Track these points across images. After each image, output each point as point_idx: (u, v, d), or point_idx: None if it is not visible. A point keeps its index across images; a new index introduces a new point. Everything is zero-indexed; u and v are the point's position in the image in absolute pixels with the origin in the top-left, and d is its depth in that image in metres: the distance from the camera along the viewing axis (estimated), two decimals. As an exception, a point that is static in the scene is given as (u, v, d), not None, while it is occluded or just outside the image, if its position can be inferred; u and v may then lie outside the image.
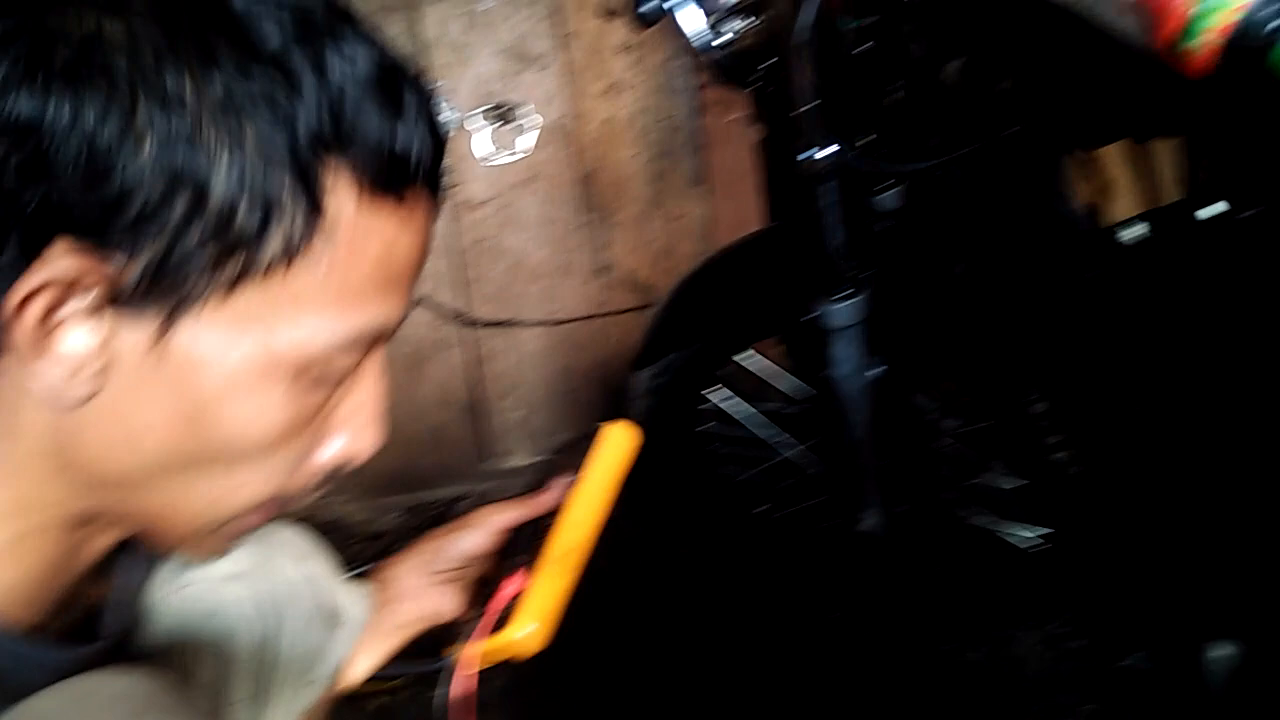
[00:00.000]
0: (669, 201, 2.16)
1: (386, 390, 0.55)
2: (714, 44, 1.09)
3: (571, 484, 0.75)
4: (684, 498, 1.68)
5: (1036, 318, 0.86)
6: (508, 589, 0.70)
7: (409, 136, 0.47)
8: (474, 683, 0.68)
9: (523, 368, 2.20)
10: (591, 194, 2.14)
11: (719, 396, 1.60)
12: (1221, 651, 0.75)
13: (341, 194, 0.46)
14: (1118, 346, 0.76)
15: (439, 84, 2.02)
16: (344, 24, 0.47)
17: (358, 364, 0.52)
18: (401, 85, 0.47)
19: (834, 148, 1.06)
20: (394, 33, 2.03)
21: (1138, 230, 0.83)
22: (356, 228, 0.46)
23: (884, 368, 1.37)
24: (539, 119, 2.06)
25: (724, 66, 1.13)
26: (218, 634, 0.66)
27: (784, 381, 1.76)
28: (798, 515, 1.73)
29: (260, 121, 0.43)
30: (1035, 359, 0.88)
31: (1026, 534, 1.54)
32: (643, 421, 1.58)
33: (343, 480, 0.62)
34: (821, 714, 1.53)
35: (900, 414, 1.49)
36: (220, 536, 0.54)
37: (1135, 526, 0.86)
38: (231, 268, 0.44)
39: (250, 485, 0.51)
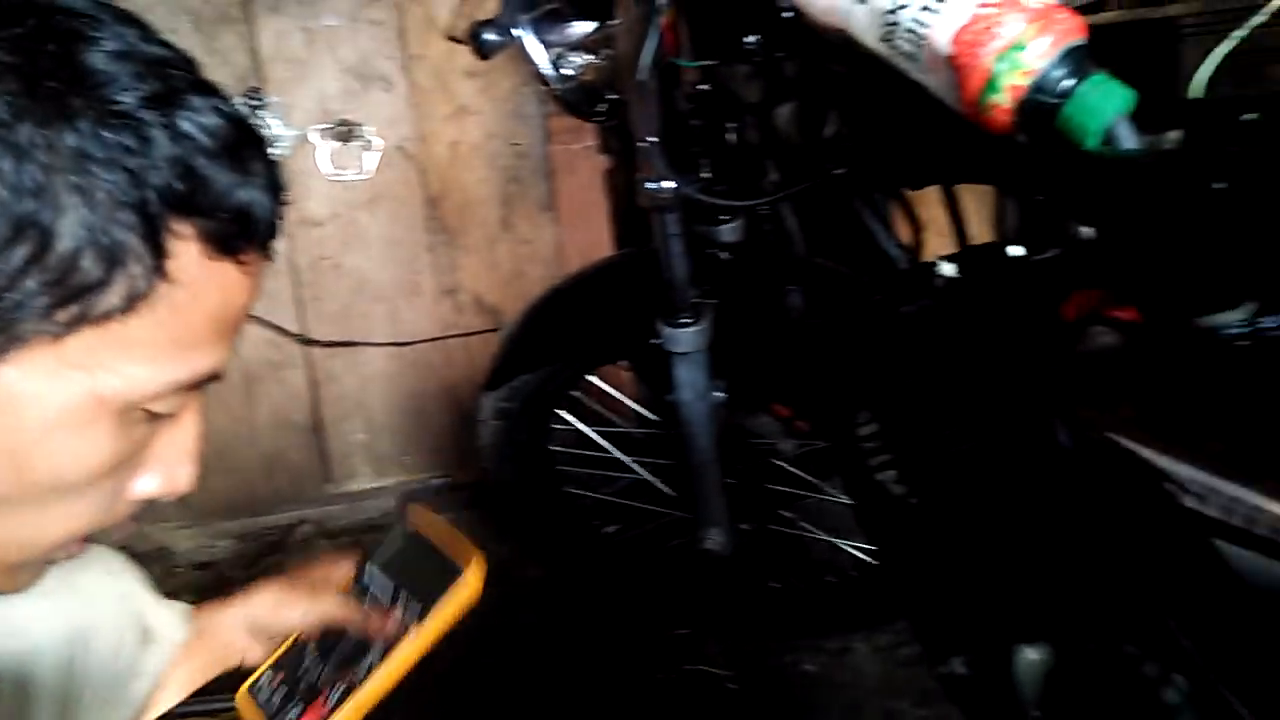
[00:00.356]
0: (518, 226, 2.17)
1: (204, 427, 0.56)
2: (559, 77, 1.11)
3: (414, 625, 0.74)
4: (535, 520, 1.68)
5: (862, 347, 0.92)
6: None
7: (254, 199, 0.49)
8: None
9: (366, 390, 2.15)
10: (439, 216, 2.12)
11: (568, 419, 1.62)
12: (1032, 655, 0.81)
13: (185, 251, 0.47)
14: (932, 375, 0.82)
15: (274, 100, 1.96)
16: (200, 87, 0.48)
17: (182, 404, 0.52)
18: (250, 149, 0.49)
19: (672, 182, 1.10)
20: (229, 45, 1.96)
21: (949, 268, 0.89)
22: (196, 283, 0.47)
23: (725, 392, 1.42)
24: (382, 140, 2.04)
25: (569, 100, 1.16)
26: (19, 655, 0.64)
27: (631, 405, 1.79)
28: (645, 535, 1.76)
29: (111, 177, 0.44)
30: (863, 385, 0.93)
31: (859, 550, 1.63)
32: (492, 444, 1.59)
33: (170, 506, 0.61)
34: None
35: (741, 436, 1.55)
36: (31, 571, 0.54)
37: (952, 541, 0.93)
38: (67, 314, 0.44)
39: (66, 521, 0.51)
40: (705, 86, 1.10)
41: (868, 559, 1.61)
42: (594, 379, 1.69)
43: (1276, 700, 0.53)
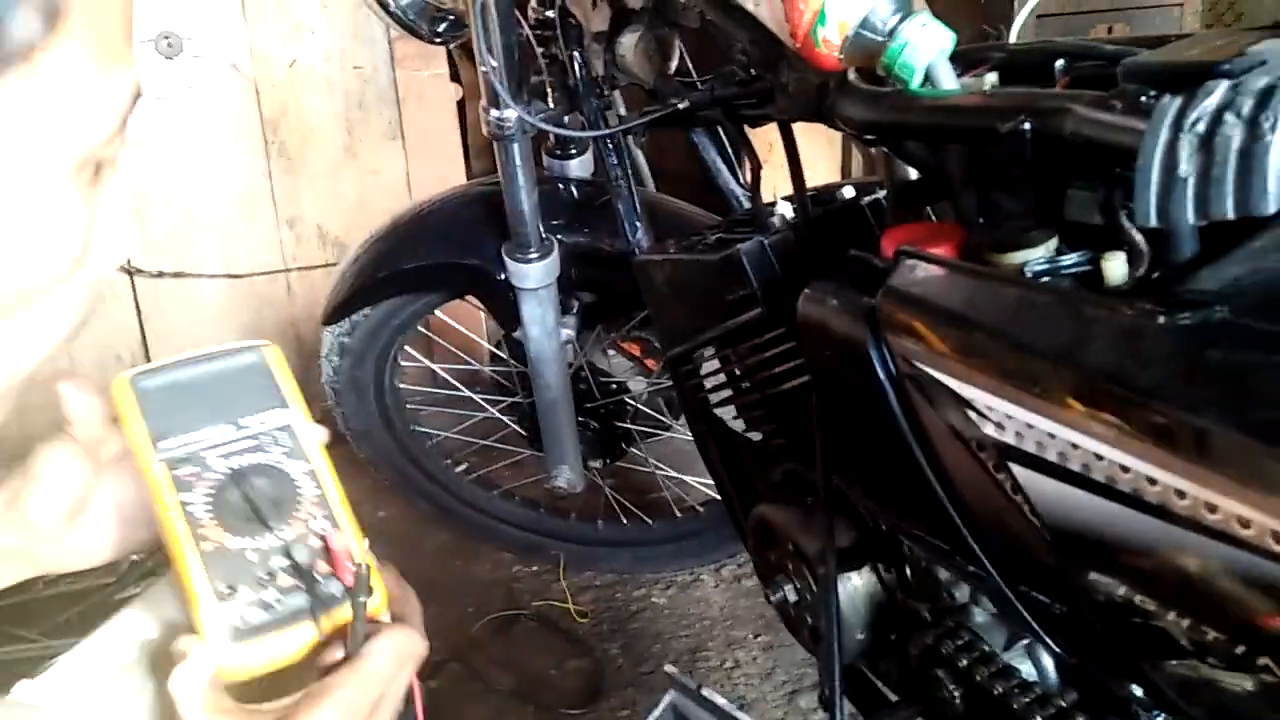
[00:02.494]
0: (363, 154, 2.08)
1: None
2: (395, -6, 1.06)
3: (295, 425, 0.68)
4: (383, 460, 1.64)
5: (701, 284, 0.92)
6: (338, 548, 0.64)
7: None
8: None
9: (198, 325, 2.04)
10: (277, 140, 2.01)
11: (410, 354, 1.58)
12: (857, 580, 0.84)
13: None
14: (765, 313, 0.83)
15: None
16: None
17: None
18: None
19: (515, 111, 1.07)
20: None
21: (786, 207, 0.90)
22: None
23: (574, 329, 1.41)
24: (212, 56, 1.91)
25: (405, 18, 1.10)
26: None
27: (481, 342, 1.76)
28: (496, 473, 1.75)
29: None
30: (702, 323, 0.94)
31: (705, 485, 1.66)
32: (333, 381, 1.54)
33: None
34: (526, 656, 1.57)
35: (591, 373, 1.55)
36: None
37: (784, 474, 0.95)
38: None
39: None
40: (550, 13, 1.07)
41: (714, 494, 1.65)
42: (441, 314, 1.65)
43: (1067, 614, 0.56)
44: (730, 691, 1.50)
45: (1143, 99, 0.49)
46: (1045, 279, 0.54)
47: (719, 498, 1.64)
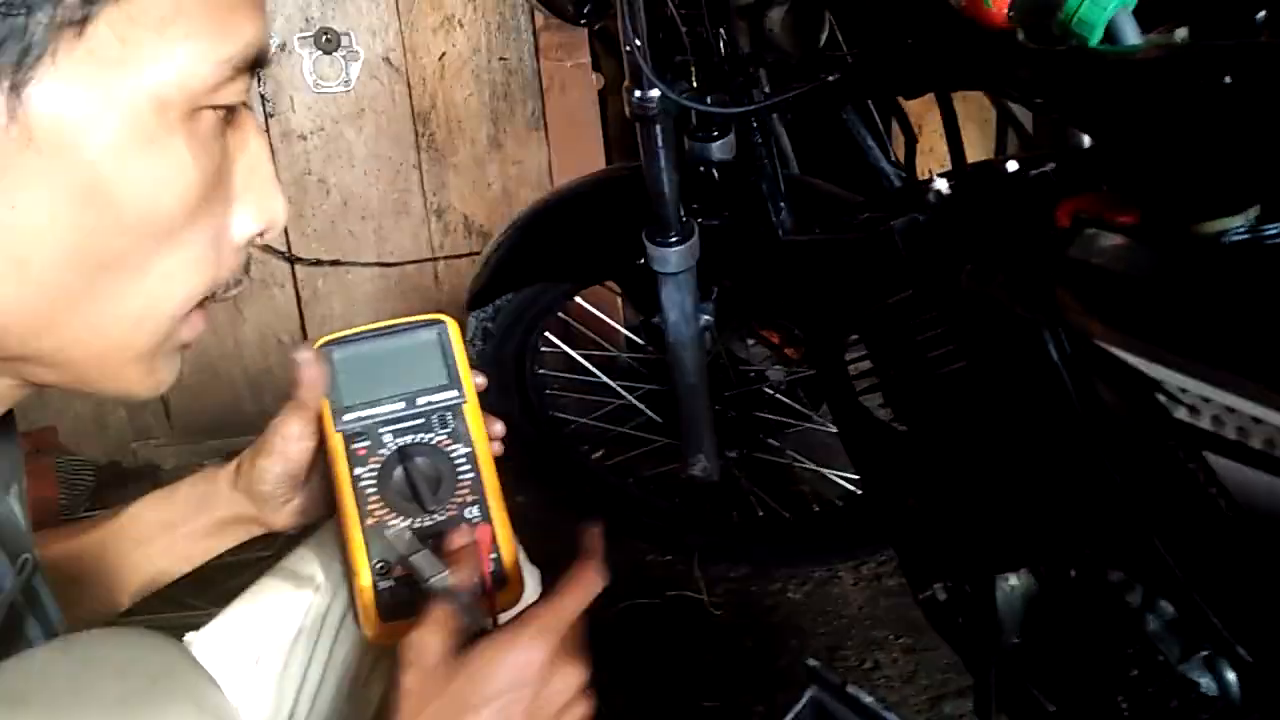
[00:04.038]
0: (507, 145, 2.11)
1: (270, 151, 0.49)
2: (541, -25, 1.06)
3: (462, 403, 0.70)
4: (521, 444, 1.66)
5: (852, 266, 0.88)
6: (483, 541, 0.66)
7: None
8: None
9: (353, 310, 2.11)
10: (428, 133, 2.06)
11: (554, 342, 1.59)
12: (1014, 581, 0.79)
13: None
14: (922, 294, 0.78)
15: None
16: None
17: (242, 105, 0.45)
18: None
19: (659, 90, 1.05)
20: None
21: (943, 184, 0.85)
22: None
23: (713, 316, 1.39)
24: (365, 51, 1.97)
25: (551, 2, 1.10)
26: None
27: (619, 328, 1.76)
28: (632, 461, 1.74)
29: None
30: (851, 307, 0.90)
31: (846, 480, 1.61)
32: (476, 365, 1.56)
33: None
34: (653, 652, 1.56)
35: (731, 362, 1.52)
36: (168, 361, 0.48)
37: (937, 466, 0.90)
38: None
39: (177, 279, 0.44)
40: (694, -12, 1.04)
41: (854, 489, 1.60)
42: (581, 301, 1.66)
43: (1262, 622, 0.51)
44: (870, 693, 1.45)
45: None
46: (1246, 249, 0.48)
47: (859, 492, 1.59)
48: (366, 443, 0.67)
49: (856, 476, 1.59)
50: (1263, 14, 0.57)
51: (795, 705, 0.78)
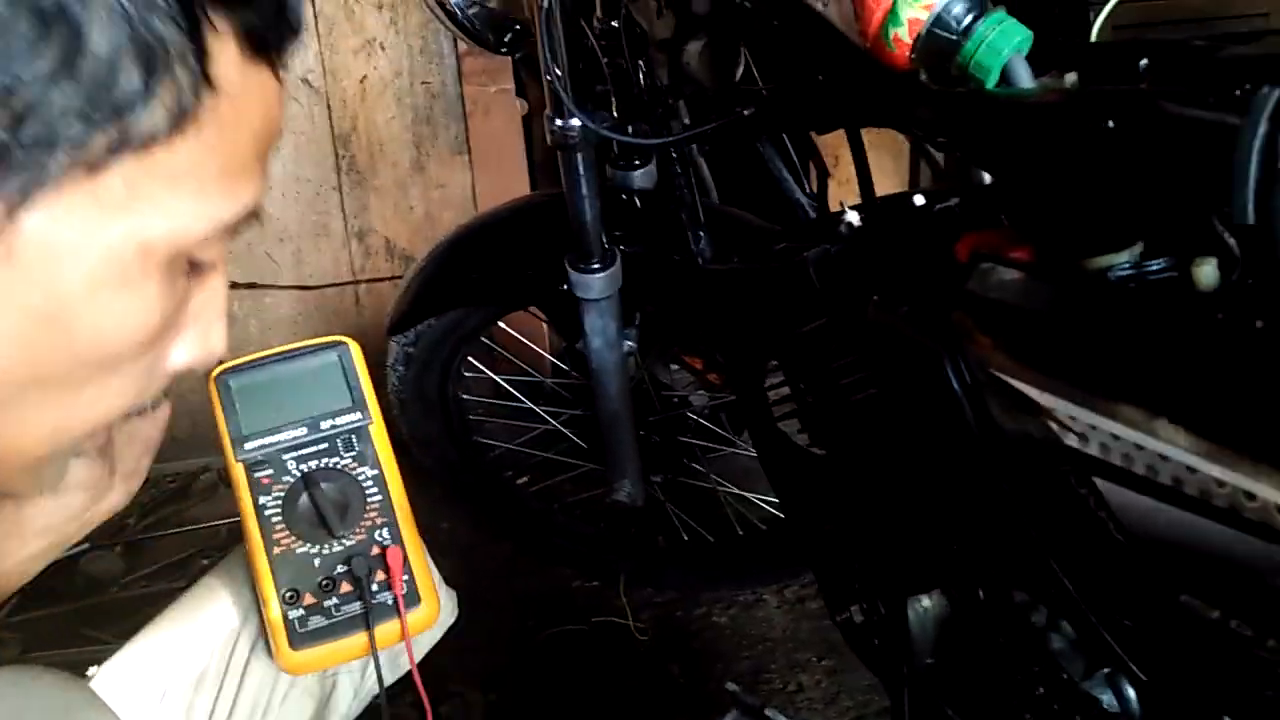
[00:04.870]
0: (430, 168, 2.10)
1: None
2: (463, 2, 1.06)
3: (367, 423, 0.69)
4: (445, 470, 1.64)
5: (767, 295, 0.90)
6: (392, 561, 0.65)
7: None
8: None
9: (270, 334, 2.07)
10: (346, 155, 2.04)
11: (474, 365, 1.58)
12: (925, 603, 0.81)
13: (226, 52, 0.39)
14: (834, 323, 0.80)
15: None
16: None
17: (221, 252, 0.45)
18: None
19: (579, 119, 1.06)
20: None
21: (854, 216, 0.88)
22: (239, 92, 0.40)
23: (636, 341, 1.40)
24: (287, 71, 1.94)
25: (472, 27, 1.11)
26: None
27: (543, 354, 1.76)
28: (556, 486, 1.74)
29: None
30: (767, 334, 0.92)
31: (767, 504, 1.63)
32: (398, 391, 1.55)
33: None
34: (585, 680, 1.55)
35: (653, 386, 1.53)
36: (56, 468, 0.47)
37: (851, 490, 0.92)
38: (105, 138, 0.36)
39: (103, 401, 0.44)
40: (615, 23, 1.06)
41: (777, 513, 1.62)
42: (505, 326, 1.65)
43: (1151, 640, 0.53)
44: (793, 716, 1.47)
45: (1238, 92, 0.46)
46: (1131, 285, 0.51)
47: (783, 516, 1.61)
48: (269, 471, 0.67)
49: (777, 500, 1.62)
50: (1144, 62, 0.60)
51: (715, 730, 0.79)
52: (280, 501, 0.67)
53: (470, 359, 1.55)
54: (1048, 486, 0.51)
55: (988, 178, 0.74)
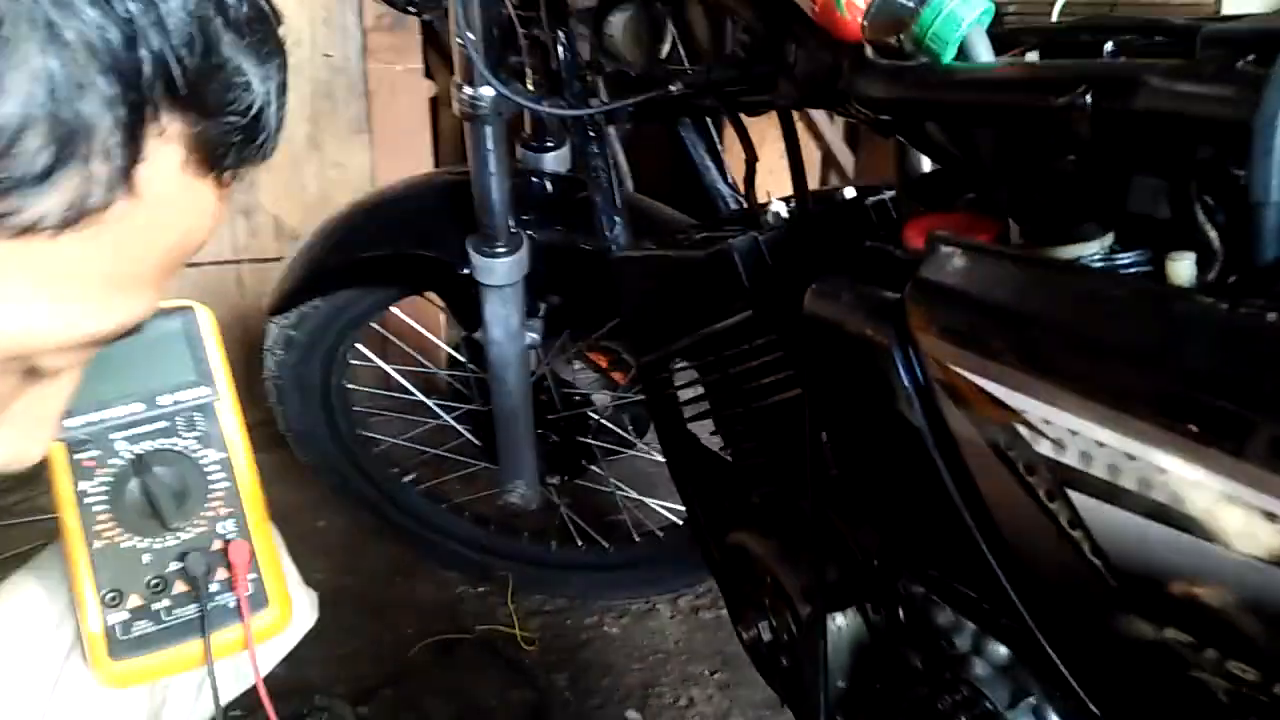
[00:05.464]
0: (327, 146, 1.98)
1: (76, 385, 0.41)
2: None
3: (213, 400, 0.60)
4: (327, 465, 1.53)
5: (688, 289, 0.84)
6: (236, 558, 0.57)
7: (269, 100, 0.36)
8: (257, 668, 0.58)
9: (141, 314, 1.92)
10: (236, 125, 1.91)
11: (361, 353, 1.48)
12: (842, 621, 0.76)
13: (164, 157, 0.33)
14: (756, 318, 0.74)
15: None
16: None
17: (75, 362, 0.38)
18: (273, 34, 0.36)
19: (492, 88, 0.98)
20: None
21: (782, 207, 0.82)
22: (164, 203, 0.34)
23: (539, 334, 1.32)
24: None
25: (377, -18, 1.02)
26: None
27: (438, 343, 1.66)
28: (445, 485, 1.64)
29: (97, 18, 0.30)
30: (684, 332, 0.85)
31: (667, 509, 1.57)
32: (276, 377, 1.43)
33: None
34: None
35: (554, 384, 1.46)
36: None
37: (767, 499, 0.87)
38: None
39: None
40: (532, -14, 0.99)
41: (676, 519, 1.56)
42: (399, 313, 1.55)
43: (1117, 673, 0.48)
44: (685, 734, 1.41)
45: (1238, 65, 0.41)
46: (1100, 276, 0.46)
47: (680, 523, 1.56)
48: (95, 452, 0.58)
49: (679, 507, 1.56)
50: (1110, 45, 0.56)
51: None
52: (106, 488, 0.58)
53: (358, 346, 1.45)
54: (1009, 499, 0.46)
55: (927, 166, 0.69)
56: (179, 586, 0.57)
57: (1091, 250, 0.48)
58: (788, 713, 1.47)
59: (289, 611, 0.60)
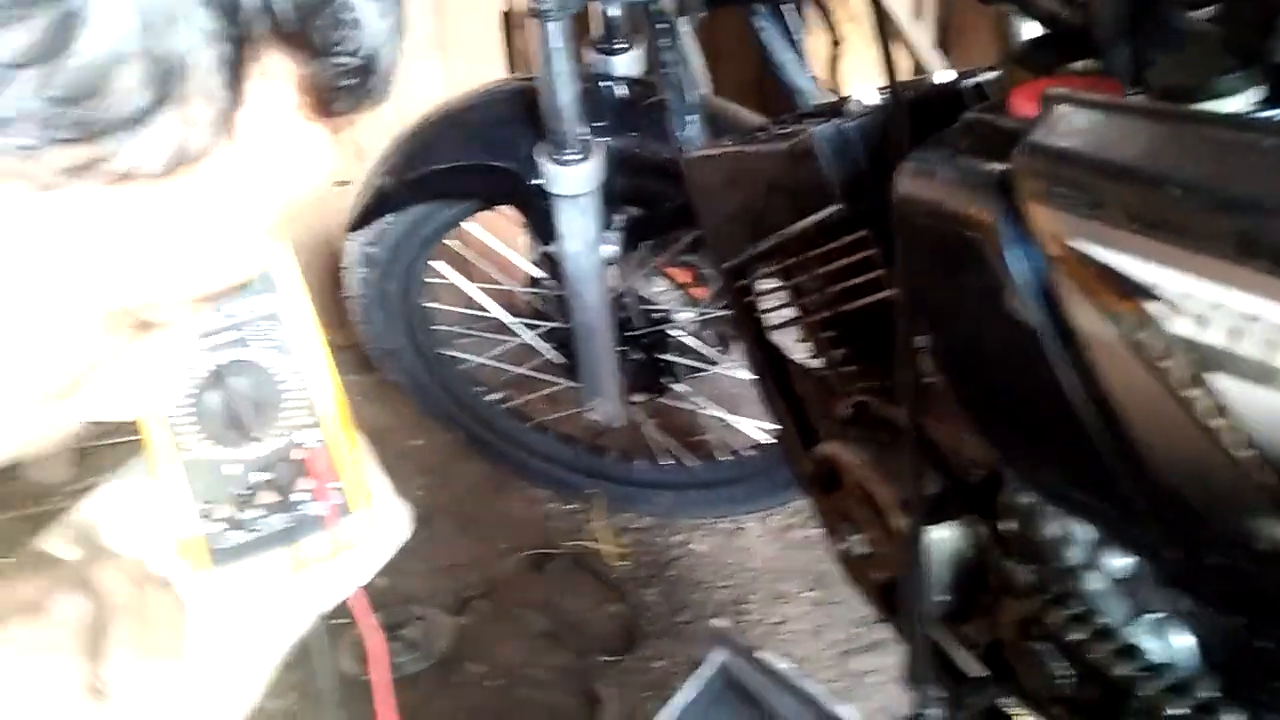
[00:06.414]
0: (401, 63, 1.95)
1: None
2: None
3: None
4: (413, 385, 1.53)
5: (769, 186, 0.79)
6: (320, 466, 0.57)
7: (386, 41, 0.33)
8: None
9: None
10: (308, 45, 1.89)
11: (440, 271, 1.46)
12: (942, 534, 0.71)
13: (271, 98, 0.31)
14: (847, 211, 0.69)
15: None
16: None
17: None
18: None
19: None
20: None
21: (870, 93, 0.76)
22: (272, 149, 0.32)
23: (617, 246, 1.28)
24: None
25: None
26: None
27: (517, 260, 1.64)
28: (531, 404, 1.64)
29: None
30: (766, 233, 0.80)
31: (753, 427, 1.54)
32: (360, 295, 1.43)
33: None
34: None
35: (634, 300, 1.42)
36: None
37: (858, 412, 0.82)
38: (67, 158, 0.28)
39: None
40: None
41: (763, 437, 1.52)
42: (479, 231, 1.53)
43: (1253, 580, 0.43)
44: (777, 649, 1.39)
45: None
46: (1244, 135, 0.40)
47: (766, 442, 1.52)
48: None
49: (765, 424, 1.52)
50: None
51: (701, 670, 0.69)
52: (190, 399, 0.57)
53: (436, 263, 1.43)
54: (1136, 392, 0.40)
55: (1035, 31, 0.62)
56: (266, 497, 0.57)
57: (1236, 105, 0.41)
58: (882, 630, 1.45)
59: (378, 520, 0.59)
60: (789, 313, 0.87)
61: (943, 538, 0.67)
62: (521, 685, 1.35)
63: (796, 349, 0.93)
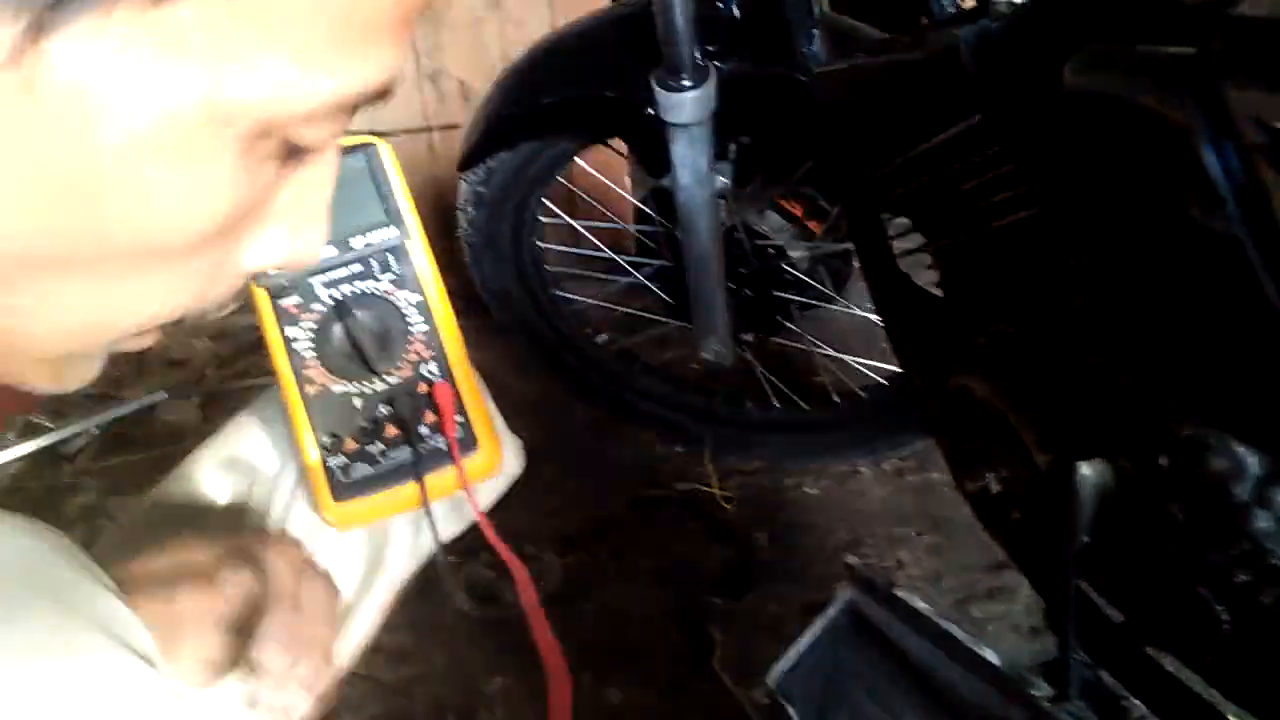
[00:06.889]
0: (506, 3, 1.92)
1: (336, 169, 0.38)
2: None
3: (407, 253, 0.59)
4: (522, 325, 1.53)
5: (902, 97, 0.73)
6: (442, 400, 0.57)
7: None
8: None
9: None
10: (416, -14, 1.88)
11: (551, 210, 1.44)
12: (1088, 471, 0.66)
13: None
14: (991, 121, 0.63)
15: None
16: None
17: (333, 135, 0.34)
18: None
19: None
20: None
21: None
22: None
23: (730, 178, 1.24)
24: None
25: None
26: None
27: (627, 197, 1.61)
28: (639, 345, 1.62)
29: None
30: (899, 148, 0.75)
31: (869, 367, 1.48)
32: (469, 234, 1.42)
33: None
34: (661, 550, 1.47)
35: (746, 235, 1.38)
36: (87, 364, 0.38)
37: (996, 343, 0.77)
38: None
39: (148, 300, 0.34)
40: None
41: (878, 378, 1.47)
42: (587, 168, 1.51)
43: None
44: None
45: None
46: None
47: (883, 382, 1.47)
48: (296, 298, 0.58)
49: (881, 365, 1.47)
50: None
51: (828, 608, 0.66)
52: (311, 334, 0.58)
53: (546, 201, 1.41)
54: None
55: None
56: (390, 430, 0.57)
57: None
58: (1003, 575, 1.40)
59: (498, 454, 0.59)
60: (920, 238, 0.82)
61: (1090, 475, 0.63)
62: (632, 625, 1.35)
63: (926, 277, 0.88)
